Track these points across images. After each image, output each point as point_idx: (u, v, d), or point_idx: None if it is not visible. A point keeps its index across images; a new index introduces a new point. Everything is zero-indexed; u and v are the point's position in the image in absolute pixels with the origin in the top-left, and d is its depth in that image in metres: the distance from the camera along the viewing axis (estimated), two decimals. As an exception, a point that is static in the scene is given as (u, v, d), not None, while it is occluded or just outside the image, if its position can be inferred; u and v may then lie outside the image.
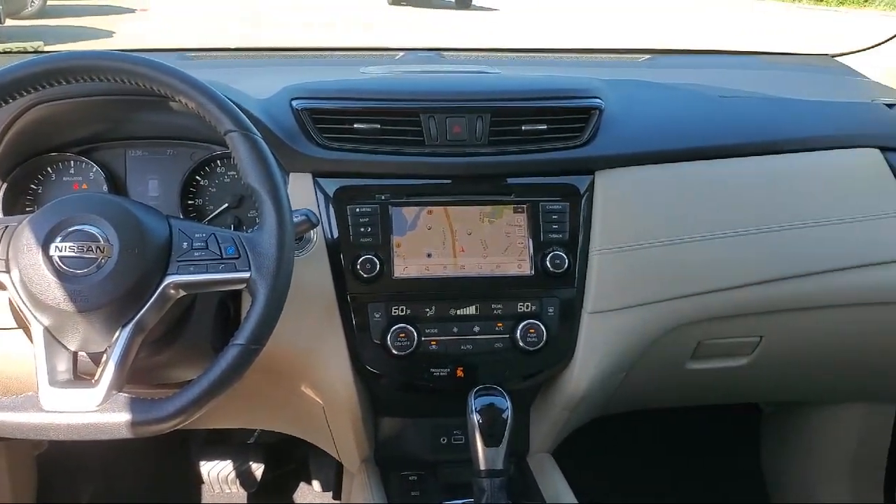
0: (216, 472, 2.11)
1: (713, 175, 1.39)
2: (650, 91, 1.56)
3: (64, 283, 0.96)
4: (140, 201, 1.11)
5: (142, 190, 1.32)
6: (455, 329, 1.30)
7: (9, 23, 9.36)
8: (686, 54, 2.35)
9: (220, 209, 1.34)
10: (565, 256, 1.30)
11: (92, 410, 0.97)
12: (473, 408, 1.19)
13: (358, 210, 1.27)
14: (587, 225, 1.32)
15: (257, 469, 2.14)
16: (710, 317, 1.39)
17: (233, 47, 2.05)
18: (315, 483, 2.13)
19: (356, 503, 1.38)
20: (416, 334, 1.27)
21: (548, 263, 1.29)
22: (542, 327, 1.30)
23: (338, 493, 2.04)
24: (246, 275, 1.01)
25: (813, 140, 1.45)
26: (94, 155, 1.31)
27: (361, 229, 1.27)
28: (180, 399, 0.98)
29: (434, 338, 1.29)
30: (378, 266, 1.26)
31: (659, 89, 1.58)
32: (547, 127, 1.32)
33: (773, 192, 1.40)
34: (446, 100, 1.31)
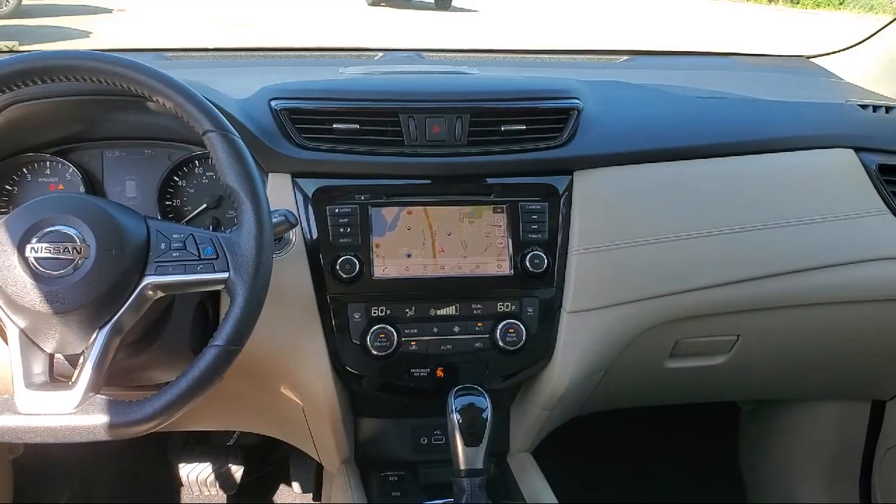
0: (195, 474, 2.10)
1: (691, 175, 1.40)
2: (628, 92, 1.57)
3: (40, 285, 0.95)
4: (117, 202, 1.10)
5: (119, 191, 1.32)
6: (435, 329, 1.30)
7: (-16, 22, 9.27)
8: (664, 55, 2.36)
9: (199, 210, 1.33)
10: (544, 256, 1.30)
11: (69, 413, 0.96)
12: (453, 407, 1.19)
13: (337, 210, 1.27)
14: (566, 225, 1.33)
15: (237, 471, 2.13)
16: (687, 316, 1.40)
17: (211, 47, 2.04)
18: (295, 484, 2.13)
19: None
20: (395, 335, 1.27)
21: (527, 263, 1.30)
22: (522, 327, 1.30)
23: (318, 495, 2.04)
24: (224, 275, 1.00)
25: (788, 140, 1.46)
26: (71, 155, 1.30)
27: (341, 230, 1.27)
28: (158, 401, 0.97)
29: (414, 338, 1.29)
30: (357, 266, 1.26)
31: (637, 90, 1.59)
32: (526, 127, 1.33)
33: (749, 193, 1.41)
34: (426, 100, 1.31)
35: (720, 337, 1.49)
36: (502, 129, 1.32)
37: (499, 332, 1.30)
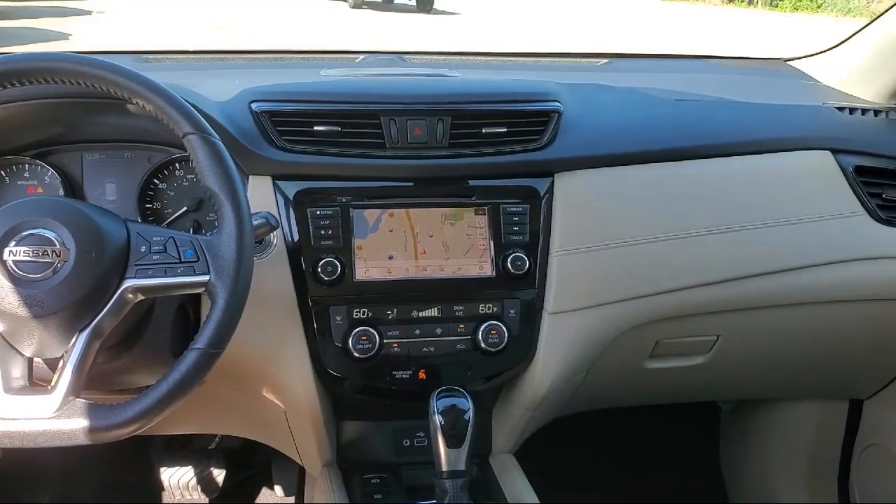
0: (177, 478, 2.09)
1: (670, 177, 1.41)
2: (608, 95, 1.58)
3: (19, 288, 0.94)
4: (97, 205, 1.10)
5: (99, 194, 1.31)
6: (417, 331, 1.30)
7: (-39, 25, 9.18)
8: (643, 58, 2.37)
9: (179, 213, 1.32)
10: (526, 258, 1.31)
11: (48, 417, 0.95)
12: (435, 409, 1.20)
13: (318, 213, 1.27)
14: (547, 226, 1.34)
15: (219, 475, 2.12)
16: (667, 316, 1.41)
17: (191, 50, 2.03)
18: (277, 488, 2.12)
19: None
20: (377, 337, 1.27)
21: (508, 265, 1.30)
22: (504, 328, 1.31)
23: (300, 498, 2.03)
24: (205, 278, 1.00)
25: (766, 143, 1.48)
26: (50, 158, 1.29)
27: (322, 232, 1.27)
28: (139, 404, 0.97)
29: (396, 340, 1.29)
30: (339, 269, 1.26)
31: (617, 93, 1.59)
32: (507, 130, 1.33)
33: (728, 194, 1.43)
34: (407, 102, 1.31)
35: (700, 337, 1.50)
36: (483, 131, 1.32)
37: (481, 333, 1.30)
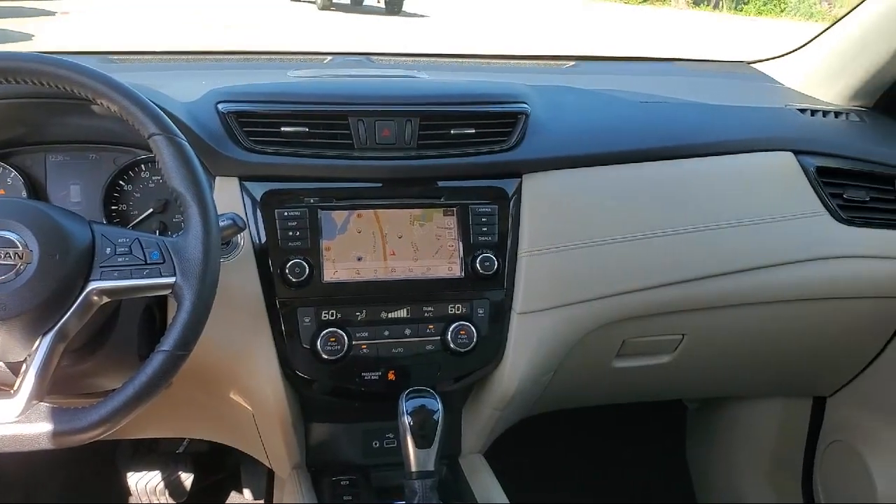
0: (144, 483, 2.07)
1: (636, 178, 1.43)
2: (575, 97, 1.59)
3: None
4: (61, 207, 1.09)
5: (63, 195, 1.29)
6: (386, 332, 1.30)
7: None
8: (609, 61, 2.39)
9: (145, 214, 1.31)
10: (494, 258, 1.32)
11: (11, 422, 0.94)
12: (405, 410, 1.20)
13: (286, 214, 1.27)
14: (515, 227, 1.34)
15: (186, 479, 2.10)
16: (633, 316, 1.43)
17: (157, 50, 2.01)
18: (246, 491, 2.11)
19: None
20: (346, 338, 1.27)
21: (478, 265, 1.31)
22: (473, 328, 1.31)
23: (269, 500, 2.02)
24: (171, 280, 0.99)
25: (730, 144, 1.50)
26: (13, 159, 1.27)
27: (290, 233, 1.26)
28: (104, 408, 0.96)
29: (365, 341, 1.29)
30: (307, 270, 1.25)
31: (584, 95, 1.61)
32: (475, 131, 1.34)
33: (692, 195, 1.44)
34: (375, 103, 1.31)
35: (665, 336, 1.52)
36: (452, 132, 1.33)
37: (450, 334, 1.30)
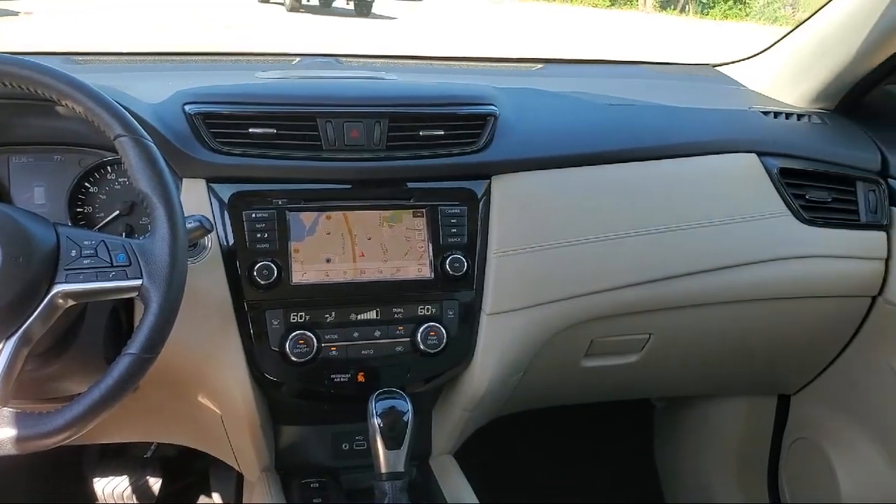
0: (111, 488, 2.04)
1: (603, 179, 1.44)
2: (543, 99, 1.60)
3: None
4: (25, 209, 1.07)
5: (27, 198, 1.27)
6: (356, 334, 1.30)
7: None
8: (577, 64, 2.41)
9: (111, 217, 1.29)
10: (464, 259, 1.32)
11: None
12: (374, 411, 1.20)
13: (254, 216, 1.26)
14: (485, 228, 1.35)
15: (154, 483, 2.08)
16: (602, 315, 1.44)
17: (122, 51, 1.99)
18: (215, 495, 2.09)
19: None
20: (315, 340, 1.26)
21: (447, 267, 1.31)
22: (443, 329, 1.31)
23: (239, 504, 2.01)
24: (137, 282, 0.98)
25: (695, 146, 1.52)
26: None
27: (258, 235, 1.26)
28: (69, 412, 0.95)
29: (334, 343, 1.29)
30: (275, 272, 1.25)
31: (552, 97, 1.62)
32: (444, 133, 1.34)
33: (658, 196, 1.46)
34: (344, 104, 1.31)
35: (633, 336, 1.53)
36: (421, 133, 1.33)
37: (420, 335, 1.30)
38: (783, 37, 1.81)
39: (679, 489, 2.22)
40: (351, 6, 15.75)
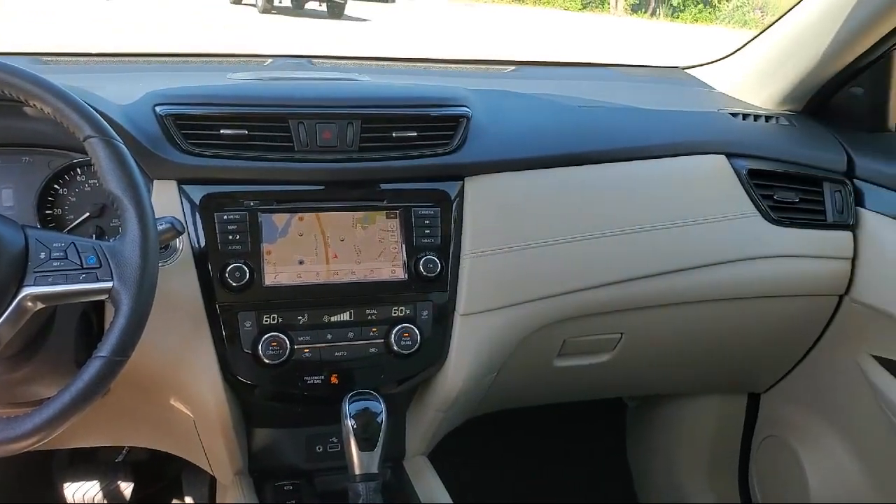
0: (81, 493, 2.02)
1: (575, 181, 1.45)
2: (516, 101, 1.61)
3: None
4: None
5: None
6: (329, 336, 1.29)
7: None
8: (549, 66, 2.43)
9: (81, 219, 1.28)
10: (438, 260, 1.32)
11: None
12: (348, 413, 1.20)
13: (226, 217, 1.25)
14: (458, 229, 1.35)
15: (126, 488, 2.05)
16: (573, 316, 1.45)
17: (91, 52, 1.97)
18: (188, 499, 2.07)
19: None
20: (288, 342, 1.26)
21: (421, 268, 1.31)
22: (417, 331, 1.31)
23: (212, 507, 1.99)
24: (108, 285, 0.98)
25: (666, 147, 1.53)
26: None
27: (230, 237, 1.25)
28: (39, 416, 0.94)
29: (307, 345, 1.28)
30: (248, 274, 1.24)
31: (524, 99, 1.63)
32: (417, 134, 1.34)
33: (630, 197, 1.47)
34: (316, 105, 1.31)
35: (604, 335, 1.54)
36: (393, 135, 1.33)
37: (393, 336, 1.30)
38: (751, 40, 1.84)
39: (651, 488, 2.24)
40: (323, 8, 15.70)
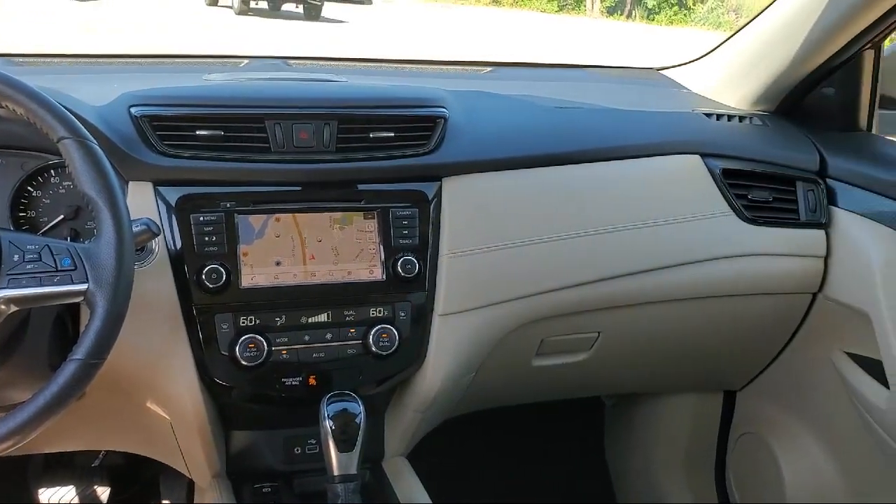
0: (57, 498, 2.00)
1: (552, 181, 1.46)
2: (493, 101, 1.62)
3: None
4: None
5: None
6: (307, 337, 1.29)
7: None
8: (526, 67, 2.44)
9: (56, 221, 1.27)
10: (416, 261, 1.32)
11: None
12: (326, 414, 1.19)
13: (202, 219, 1.25)
14: (436, 230, 1.35)
15: (103, 493, 2.04)
16: (551, 315, 1.45)
17: (66, 53, 1.95)
18: (166, 502, 2.06)
19: None
20: (265, 344, 1.25)
21: (399, 268, 1.31)
22: (395, 331, 1.31)
23: (190, 510, 1.98)
24: (83, 287, 0.97)
25: (641, 147, 1.54)
26: None
27: (206, 238, 1.24)
28: (13, 420, 0.93)
29: (285, 347, 1.28)
30: (224, 276, 1.23)
31: (501, 100, 1.64)
32: (394, 134, 1.34)
33: (606, 197, 1.48)
34: (292, 106, 1.31)
35: (582, 334, 1.55)
36: (371, 135, 1.33)
37: (371, 337, 1.30)
38: (725, 41, 1.86)
39: (629, 486, 2.25)
40: (300, 10, 15.64)
